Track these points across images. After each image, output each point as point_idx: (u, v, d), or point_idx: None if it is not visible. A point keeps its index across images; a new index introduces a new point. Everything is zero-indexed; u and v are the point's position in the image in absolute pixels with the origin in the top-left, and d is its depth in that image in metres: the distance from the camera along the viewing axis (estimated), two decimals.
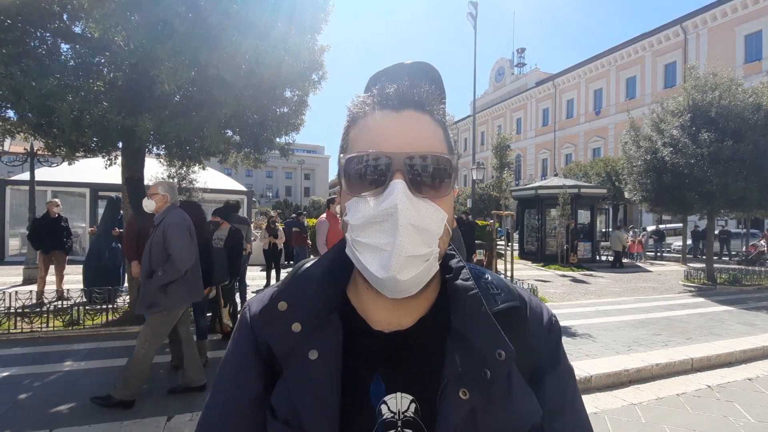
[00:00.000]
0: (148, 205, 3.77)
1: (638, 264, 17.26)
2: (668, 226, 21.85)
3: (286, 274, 0.68)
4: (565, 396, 0.66)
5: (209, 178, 12.62)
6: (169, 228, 3.53)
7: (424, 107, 0.60)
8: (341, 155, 0.60)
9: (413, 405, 0.59)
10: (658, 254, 20.52)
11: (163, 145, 6.27)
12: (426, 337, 0.62)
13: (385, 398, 0.59)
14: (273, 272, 9.89)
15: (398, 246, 0.53)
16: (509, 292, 0.67)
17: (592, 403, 3.92)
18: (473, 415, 0.56)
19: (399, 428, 0.58)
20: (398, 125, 0.58)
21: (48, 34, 5.27)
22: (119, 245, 7.45)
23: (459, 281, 0.63)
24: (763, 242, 18.39)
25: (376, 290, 0.58)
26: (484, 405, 0.56)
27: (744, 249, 19.68)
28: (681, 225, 18.65)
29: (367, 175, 0.57)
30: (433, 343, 0.61)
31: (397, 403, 0.59)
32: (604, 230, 21.72)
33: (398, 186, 0.54)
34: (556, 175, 23.15)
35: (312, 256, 0.71)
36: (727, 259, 19.41)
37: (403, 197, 0.54)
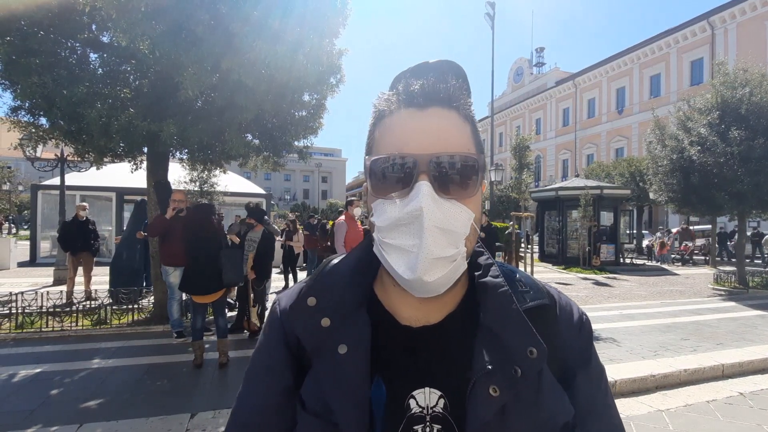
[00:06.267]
0: None
1: (664, 267, 16.75)
2: (695, 228, 21.11)
3: (314, 271, 0.69)
4: (597, 395, 0.64)
5: (229, 182, 12.86)
6: None
7: (451, 103, 0.58)
8: (366, 156, 0.60)
9: (442, 400, 0.59)
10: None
11: (186, 150, 6.45)
12: (454, 332, 0.61)
13: (414, 393, 0.59)
14: (290, 276, 10.00)
15: (424, 249, 0.52)
16: (538, 290, 0.66)
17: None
18: (503, 412, 0.55)
19: (428, 422, 0.58)
20: (423, 124, 0.57)
21: (78, 44, 5.48)
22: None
23: (488, 278, 0.62)
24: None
25: (403, 288, 0.57)
26: (514, 403, 0.56)
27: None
28: (709, 226, 18.03)
29: (392, 176, 0.56)
30: (460, 339, 0.61)
31: (426, 398, 0.59)
32: (629, 232, 21.14)
33: (423, 188, 0.53)
34: (577, 175, 22.69)
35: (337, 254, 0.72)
36: (760, 261, 18.65)
37: (428, 199, 0.53)
